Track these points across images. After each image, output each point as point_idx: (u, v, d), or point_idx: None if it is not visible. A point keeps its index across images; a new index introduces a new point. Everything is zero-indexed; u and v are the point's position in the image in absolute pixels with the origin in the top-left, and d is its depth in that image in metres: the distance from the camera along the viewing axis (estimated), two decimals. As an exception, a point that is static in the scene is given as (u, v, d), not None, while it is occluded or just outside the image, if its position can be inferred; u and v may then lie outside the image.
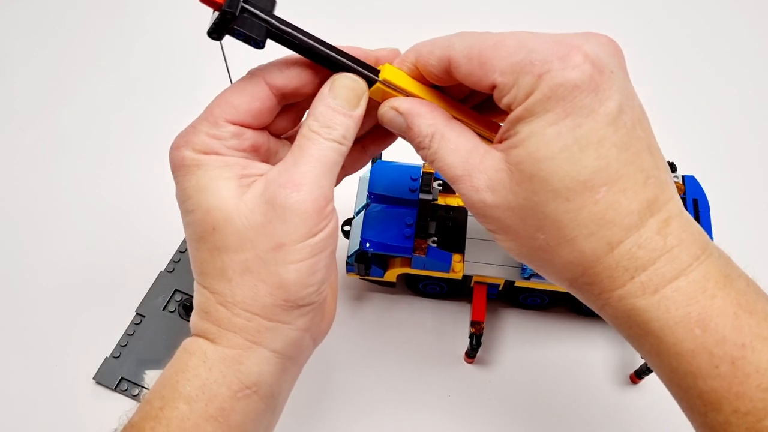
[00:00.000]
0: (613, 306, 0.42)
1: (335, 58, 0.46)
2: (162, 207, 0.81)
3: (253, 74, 0.47)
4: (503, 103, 0.43)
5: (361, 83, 0.47)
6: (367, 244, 0.67)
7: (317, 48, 0.46)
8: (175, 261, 0.79)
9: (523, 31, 0.43)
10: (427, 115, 0.47)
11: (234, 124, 0.46)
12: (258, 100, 0.47)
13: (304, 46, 0.45)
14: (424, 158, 0.47)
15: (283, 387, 0.49)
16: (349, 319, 0.74)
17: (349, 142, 0.47)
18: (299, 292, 0.45)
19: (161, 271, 0.78)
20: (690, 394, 0.41)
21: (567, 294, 0.66)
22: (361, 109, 0.47)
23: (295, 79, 0.47)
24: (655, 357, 0.42)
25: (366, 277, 0.71)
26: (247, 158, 0.47)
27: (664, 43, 0.96)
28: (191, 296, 0.74)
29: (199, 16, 0.99)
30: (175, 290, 0.77)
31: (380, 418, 0.69)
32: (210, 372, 0.45)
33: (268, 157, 0.50)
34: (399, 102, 0.48)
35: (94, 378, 0.72)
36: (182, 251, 0.80)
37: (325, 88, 0.47)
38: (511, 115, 0.42)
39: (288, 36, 0.45)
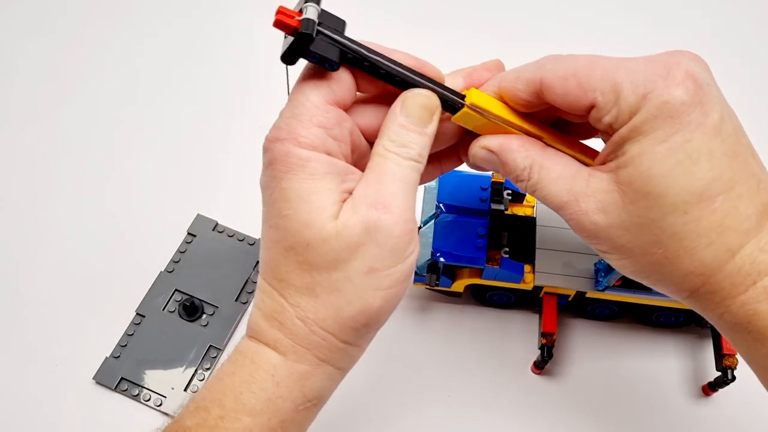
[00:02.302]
0: (733, 313, 0.43)
1: (413, 80, 0.46)
2: (162, 207, 0.83)
3: None
4: (604, 122, 0.43)
5: (434, 98, 0.46)
6: (439, 255, 0.66)
7: (395, 70, 0.45)
8: (175, 261, 0.79)
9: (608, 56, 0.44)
10: (520, 149, 0.47)
11: (334, 104, 0.45)
12: (345, 72, 0.45)
13: (380, 67, 0.45)
14: (523, 190, 0.48)
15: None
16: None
17: (425, 159, 0.46)
18: (380, 318, 0.46)
19: (161, 271, 0.78)
20: None
21: (636, 304, 0.68)
22: (434, 126, 0.46)
23: None
24: None
25: (433, 287, 0.70)
26: (347, 157, 0.46)
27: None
28: (191, 296, 0.75)
29: (202, 14, 0.98)
30: (175, 290, 0.77)
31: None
32: (277, 387, 0.45)
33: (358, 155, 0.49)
34: (489, 140, 0.48)
35: (94, 378, 0.71)
36: (182, 251, 0.79)
37: (397, 106, 0.46)
38: (615, 136, 0.43)
39: (362, 57, 0.44)
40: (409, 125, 0.45)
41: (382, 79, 0.46)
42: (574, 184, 0.45)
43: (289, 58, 0.43)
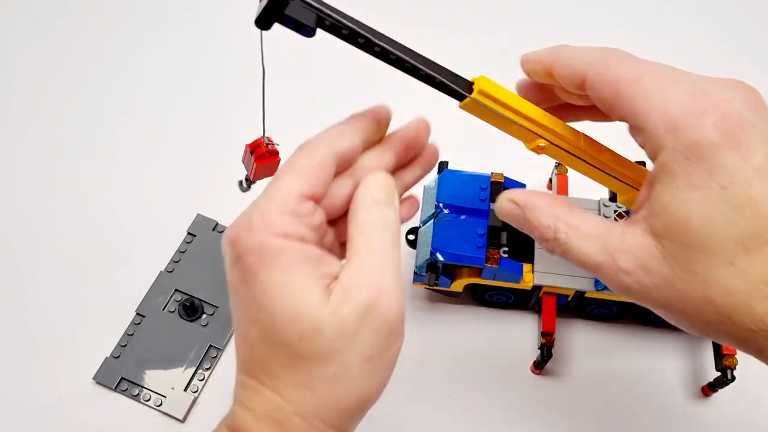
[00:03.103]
0: None
1: (396, 54, 0.44)
2: (162, 207, 0.83)
3: (313, 143, 0.44)
4: (637, 139, 0.42)
5: (388, 177, 0.45)
6: (439, 254, 0.66)
7: (372, 40, 0.43)
8: (175, 261, 0.79)
9: (665, 65, 0.42)
10: (546, 207, 0.45)
11: (309, 198, 0.42)
12: (325, 168, 0.43)
13: (358, 35, 0.43)
14: (551, 252, 0.45)
15: None
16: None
17: (399, 233, 0.45)
18: (375, 400, 0.43)
19: (161, 271, 0.78)
20: None
21: (635, 304, 0.67)
22: (398, 199, 0.45)
23: (357, 138, 0.45)
24: None
25: (432, 287, 0.70)
26: (319, 243, 0.44)
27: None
28: (191, 296, 0.76)
29: (201, 14, 0.98)
30: (175, 290, 0.77)
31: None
32: None
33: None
34: (516, 194, 0.47)
35: (94, 378, 0.72)
36: (182, 251, 0.79)
37: (361, 190, 0.44)
38: (649, 176, 0.41)
39: (340, 24, 0.42)
40: (381, 202, 0.44)
41: (361, 49, 0.44)
42: (607, 242, 0.42)
43: (263, 22, 0.41)
